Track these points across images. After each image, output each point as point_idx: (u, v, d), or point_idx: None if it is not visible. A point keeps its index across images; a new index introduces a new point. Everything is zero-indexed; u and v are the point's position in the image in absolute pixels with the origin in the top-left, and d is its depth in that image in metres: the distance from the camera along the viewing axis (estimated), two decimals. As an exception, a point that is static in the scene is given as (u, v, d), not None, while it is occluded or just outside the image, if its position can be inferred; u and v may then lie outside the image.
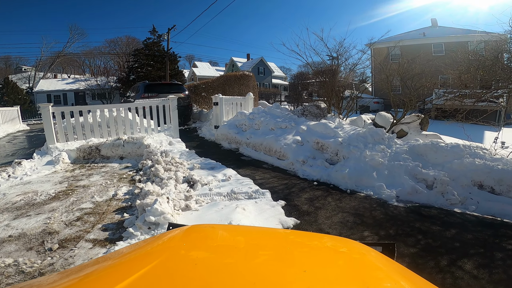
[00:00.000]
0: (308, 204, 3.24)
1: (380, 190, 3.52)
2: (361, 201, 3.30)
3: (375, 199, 3.36)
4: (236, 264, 0.63)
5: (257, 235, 0.90)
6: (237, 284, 0.53)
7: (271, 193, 3.46)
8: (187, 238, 0.81)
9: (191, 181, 3.54)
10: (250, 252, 0.73)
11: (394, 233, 2.57)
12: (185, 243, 0.76)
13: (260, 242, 0.82)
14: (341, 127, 5.06)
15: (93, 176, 4.14)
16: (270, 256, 0.71)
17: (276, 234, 0.98)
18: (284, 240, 0.87)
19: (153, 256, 0.66)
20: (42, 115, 5.22)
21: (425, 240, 2.45)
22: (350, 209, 3.07)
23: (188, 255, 0.68)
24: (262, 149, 5.27)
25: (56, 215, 2.92)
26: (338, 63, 6.79)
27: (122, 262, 0.67)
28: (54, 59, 39.88)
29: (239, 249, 0.75)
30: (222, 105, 7.02)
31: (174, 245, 0.77)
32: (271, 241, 0.85)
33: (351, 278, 0.61)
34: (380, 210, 3.06)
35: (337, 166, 4.24)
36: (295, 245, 0.83)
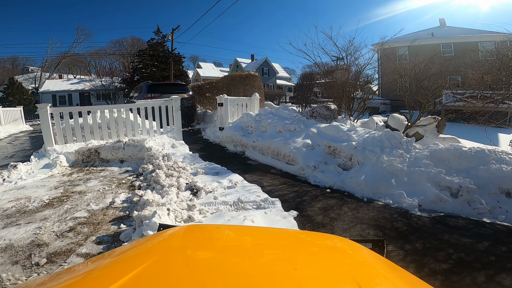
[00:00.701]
0: (323, 214, 2.97)
1: (400, 198, 3.24)
2: (380, 211, 3.03)
3: (395, 209, 3.10)
4: (236, 263, 0.63)
5: (252, 234, 0.91)
6: (237, 283, 0.52)
7: (282, 202, 3.19)
8: (183, 237, 0.81)
9: (195, 189, 3.27)
10: (247, 251, 0.73)
11: (421, 247, 2.31)
12: (190, 243, 0.78)
13: (256, 241, 0.82)
14: (354, 130, 4.76)
15: (90, 181, 3.90)
16: (264, 254, 0.71)
17: (268, 233, 0.98)
18: (275, 239, 0.87)
19: (146, 256, 0.65)
20: (39, 116, 5.01)
21: (457, 254, 2.22)
22: (369, 220, 2.80)
23: (184, 254, 0.68)
24: (269, 153, 4.99)
25: (48, 224, 2.67)
26: (348, 63, 6.49)
27: (117, 261, 0.66)
28: (60, 59, 40.11)
29: (237, 248, 0.75)
30: (227, 106, 6.75)
31: (169, 244, 0.78)
32: (264, 239, 0.85)
33: (341, 274, 0.61)
34: (402, 221, 2.81)
35: (351, 172, 3.96)
36: (285, 243, 0.83)
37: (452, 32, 23.98)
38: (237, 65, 42.89)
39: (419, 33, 25.74)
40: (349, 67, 6.36)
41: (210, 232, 0.94)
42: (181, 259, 0.64)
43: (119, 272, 0.57)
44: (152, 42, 26.46)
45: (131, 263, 0.62)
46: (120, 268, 0.61)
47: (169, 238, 0.81)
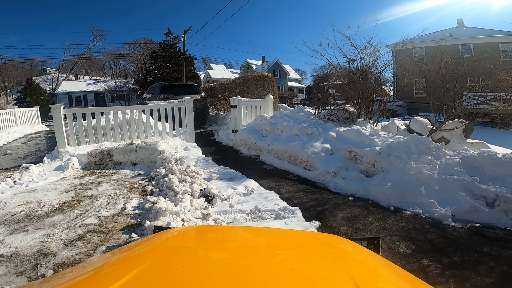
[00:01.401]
0: (347, 225, 2.78)
1: (431, 208, 3.01)
2: (410, 221, 2.82)
3: (425, 219, 2.88)
4: (233, 262, 0.64)
5: (248, 234, 0.91)
6: (238, 282, 0.52)
7: (302, 210, 2.97)
8: (178, 239, 0.82)
9: (209, 196, 3.08)
10: (243, 250, 0.74)
11: (460, 260, 2.15)
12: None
13: (252, 241, 0.83)
14: (377, 134, 4.47)
15: (102, 185, 3.78)
16: (260, 254, 0.71)
17: (261, 232, 0.97)
18: (273, 239, 0.87)
19: (143, 258, 0.65)
20: (53, 117, 4.96)
21: (499, 267, 2.08)
22: (398, 232, 2.60)
23: (179, 255, 0.68)
24: (286, 157, 4.76)
25: (56, 231, 2.54)
26: (366, 64, 6.20)
27: (115, 263, 0.66)
28: (76, 61, 41.17)
29: (234, 248, 0.76)
30: (240, 108, 6.57)
31: (165, 246, 0.78)
32: (259, 239, 0.85)
33: (338, 272, 0.60)
34: (435, 232, 2.61)
35: (375, 179, 3.70)
36: (281, 243, 0.83)
37: (471, 32, 23.22)
38: (248, 66, 42.86)
39: (436, 33, 24.98)
40: (368, 68, 6.07)
41: (205, 233, 0.93)
42: (177, 260, 0.64)
43: (117, 273, 0.56)
44: (164, 44, 26.73)
45: (128, 265, 0.62)
46: (117, 270, 0.60)
47: (165, 240, 0.81)
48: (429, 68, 5.88)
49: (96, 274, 0.62)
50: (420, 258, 2.18)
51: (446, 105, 5.15)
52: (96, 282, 0.56)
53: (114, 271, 0.60)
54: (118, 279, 0.50)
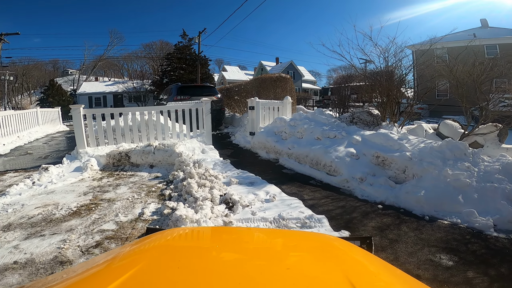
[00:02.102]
0: (379, 235, 2.58)
1: (470, 217, 2.80)
2: (448, 232, 2.62)
3: (465, 229, 2.68)
4: (223, 261, 0.65)
5: (236, 234, 0.91)
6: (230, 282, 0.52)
7: (328, 219, 2.79)
8: (171, 240, 0.82)
9: (230, 202, 2.92)
10: (237, 251, 0.74)
11: (507, 272, 2.03)
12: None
13: (246, 241, 0.83)
14: (407, 138, 4.18)
15: (120, 188, 3.70)
16: (254, 254, 0.71)
17: (259, 233, 0.98)
18: (267, 239, 0.87)
19: (136, 261, 0.64)
20: (73, 118, 4.97)
21: None
22: (437, 242, 2.43)
23: (172, 255, 0.68)
24: (307, 162, 4.54)
25: (73, 237, 2.44)
26: (391, 65, 5.88)
27: (110, 264, 0.66)
28: (96, 62, 42.49)
29: (229, 249, 0.75)
30: (258, 110, 6.40)
31: (159, 245, 0.77)
32: (251, 239, 0.85)
33: (333, 272, 0.60)
34: (478, 243, 2.43)
35: (407, 187, 3.44)
36: (276, 242, 0.83)
37: (497, 33, 22.20)
38: (262, 68, 42.76)
39: (458, 34, 23.97)
40: (394, 68, 5.76)
41: (198, 234, 0.93)
42: (172, 261, 0.64)
43: (112, 274, 0.56)
44: (179, 45, 27.04)
45: (123, 266, 0.62)
46: (113, 271, 0.60)
47: (160, 242, 0.80)
48: (460, 69, 5.50)
49: (92, 275, 0.61)
50: (465, 271, 2.05)
51: (479, 108, 4.78)
52: (91, 283, 0.56)
53: (109, 272, 0.60)
54: (113, 280, 0.50)
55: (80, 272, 0.66)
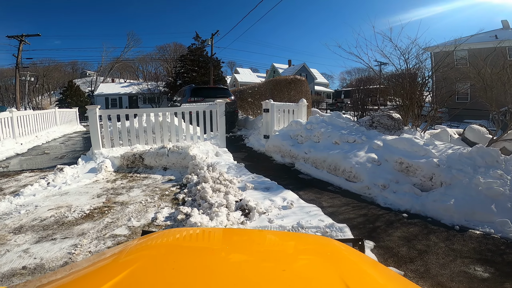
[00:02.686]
0: (407, 245, 2.42)
1: (504, 227, 2.66)
2: (481, 242, 2.48)
3: (499, 239, 2.52)
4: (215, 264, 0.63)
5: (227, 235, 0.92)
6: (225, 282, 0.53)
7: (350, 228, 2.62)
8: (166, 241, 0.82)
9: (246, 209, 2.78)
10: (233, 252, 0.73)
11: None
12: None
13: (240, 243, 0.82)
14: (433, 144, 3.93)
15: (133, 190, 3.63)
16: (250, 255, 0.71)
17: (253, 234, 0.98)
18: (260, 240, 0.87)
19: (130, 262, 0.64)
20: (89, 118, 4.98)
21: None
22: (470, 253, 2.29)
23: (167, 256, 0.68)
24: (325, 167, 4.35)
25: (85, 242, 2.37)
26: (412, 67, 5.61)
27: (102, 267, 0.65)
28: (112, 64, 43.59)
29: (225, 250, 0.75)
30: (273, 112, 6.25)
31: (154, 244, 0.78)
32: (250, 240, 0.85)
33: (328, 273, 0.60)
34: None
35: (435, 195, 3.23)
36: (271, 244, 0.83)
37: (519, 34, 21.21)
38: (274, 70, 42.62)
39: (478, 35, 23.05)
40: (416, 70, 5.49)
41: (192, 235, 0.93)
42: (166, 261, 0.63)
43: (105, 275, 0.55)
44: (192, 48, 27.30)
45: (117, 267, 0.61)
46: (106, 272, 0.59)
47: (154, 243, 0.80)
48: (489, 71, 5.18)
49: (85, 275, 0.61)
50: (502, 282, 1.95)
51: (507, 112, 4.46)
52: (85, 283, 0.55)
53: (102, 273, 0.59)
54: (107, 281, 0.50)
55: (74, 271, 0.65)
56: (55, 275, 0.65)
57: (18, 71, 18.75)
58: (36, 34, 18.31)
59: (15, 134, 7.22)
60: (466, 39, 6.39)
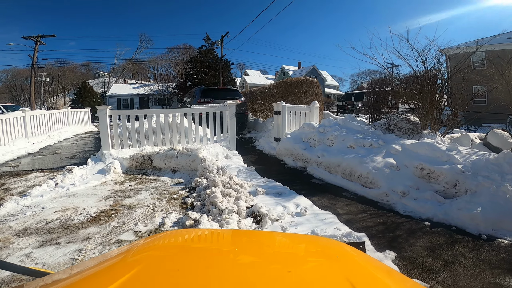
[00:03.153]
0: (431, 256, 2.27)
1: None
2: (511, 252, 2.33)
3: None
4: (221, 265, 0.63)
5: (245, 237, 0.91)
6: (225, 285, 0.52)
7: (369, 237, 2.51)
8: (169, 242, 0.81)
9: (258, 215, 2.64)
10: (239, 253, 0.73)
11: None
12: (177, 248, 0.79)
13: (245, 244, 0.82)
14: (456, 149, 3.69)
15: (141, 193, 3.53)
16: (255, 256, 0.71)
17: (258, 235, 0.98)
18: (265, 241, 0.87)
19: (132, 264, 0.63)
20: (99, 119, 4.94)
21: None
22: (500, 264, 2.16)
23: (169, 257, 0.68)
24: (339, 172, 4.16)
25: (89, 247, 2.27)
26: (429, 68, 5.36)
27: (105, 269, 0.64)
28: (125, 65, 44.33)
29: (228, 251, 0.75)
30: (285, 115, 6.09)
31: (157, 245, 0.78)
32: (256, 241, 0.85)
33: (335, 275, 0.60)
34: None
35: (459, 202, 3.03)
36: (275, 245, 0.83)
37: (539, 36, 20.38)
38: (284, 72, 42.41)
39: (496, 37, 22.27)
40: (437, 72, 5.24)
41: (198, 235, 0.92)
42: (170, 262, 0.63)
43: (109, 277, 0.55)
44: (202, 49, 27.41)
45: (120, 269, 0.60)
46: (110, 273, 0.59)
47: (159, 243, 0.80)
48: None
49: (91, 275, 0.60)
50: None
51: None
52: (90, 284, 0.55)
53: (108, 273, 0.59)
54: (113, 281, 0.49)
55: (79, 271, 0.64)
56: (60, 275, 0.64)
57: (33, 71, 19.21)
58: (51, 35, 18.75)
59: (28, 133, 7.30)
60: (488, 40, 6.09)
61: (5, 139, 6.32)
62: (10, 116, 6.71)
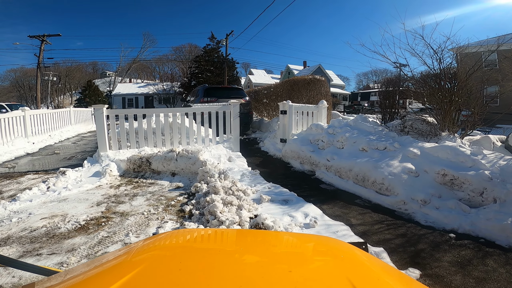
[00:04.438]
0: (461, 273, 2.02)
1: None
2: None
3: None
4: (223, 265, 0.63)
5: (246, 237, 0.92)
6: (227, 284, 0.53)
7: (388, 252, 2.24)
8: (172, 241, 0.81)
9: (262, 227, 2.35)
10: (239, 252, 0.72)
11: None
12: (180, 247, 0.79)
13: (249, 244, 0.82)
14: (481, 153, 3.36)
15: (137, 198, 3.28)
16: (256, 256, 0.71)
17: (260, 235, 0.98)
18: (267, 241, 0.86)
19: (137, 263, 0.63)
20: (95, 119, 4.70)
21: None
22: None
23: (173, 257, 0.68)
24: (351, 177, 3.85)
25: (73, 260, 2.03)
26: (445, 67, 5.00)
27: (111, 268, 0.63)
28: (130, 65, 44.46)
29: (230, 251, 0.74)
30: (291, 115, 5.79)
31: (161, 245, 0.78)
32: (257, 241, 0.85)
33: (336, 275, 0.60)
34: None
35: (488, 212, 2.74)
36: (277, 245, 0.83)
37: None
38: (289, 71, 42.02)
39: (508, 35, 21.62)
40: (457, 70, 4.88)
41: (200, 235, 0.93)
42: (173, 262, 0.63)
43: (112, 276, 0.56)
44: (207, 48, 27.22)
45: (123, 268, 0.60)
46: (112, 272, 0.59)
47: (160, 244, 0.79)
48: None
49: (93, 276, 0.60)
50: None
51: None
52: (93, 283, 0.55)
53: (108, 274, 0.58)
54: (113, 282, 0.50)
55: (81, 272, 0.62)
56: (69, 273, 0.64)
57: (39, 70, 19.23)
58: (56, 34, 18.72)
59: (28, 133, 7.13)
60: (510, 38, 5.70)
61: (3, 139, 6.15)
62: (9, 116, 6.55)
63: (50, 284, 0.58)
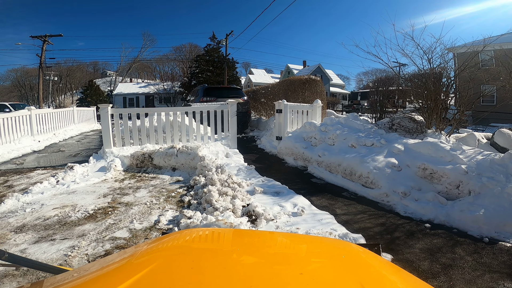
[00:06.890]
0: (429, 259, 2.21)
1: None
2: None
3: None
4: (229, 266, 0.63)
5: (255, 237, 0.93)
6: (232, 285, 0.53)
7: (366, 239, 2.48)
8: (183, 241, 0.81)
9: (253, 215, 2.61)
10: (251, 254, 0.73)
11: None
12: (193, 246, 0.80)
13: (260, 247, 0.82)
14: (460, 149, 3.60)
15: (140, 191, 3.54)
16: (268, 259, 0.71)
17: (268, 236, 0.99)
18: (277, 242, 0.87)
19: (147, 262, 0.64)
20: (100, 117, 4.97)
21: None
22: (500, 268, 2.09)
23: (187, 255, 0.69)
24: (340, 171, 4.10)
25: (83, 244, 2.28)
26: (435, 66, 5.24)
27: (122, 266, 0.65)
28: (130, 64, 44.72)
29: (241, 252, 0.74)
30: (286, 113, 6.04)
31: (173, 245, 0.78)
32: (267, 242, 0.86)
33: (347, 278, 0.60)
34: None
35: (462, 204, 2.97)
36: (288, 246, 0.83)
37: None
38: (289, 71, 42.19)
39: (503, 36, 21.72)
40: (442, 70, 5.12)
41: (211, 234, 0.94)
42: (185, 261, 0.63)
43: (124, 274, 0.57)
44: (208, 48, 27.45)
45: (135, 266, 0.61)
46: (124, 270, 0.60)
47: (172, 242, 0.80)
48: None
49: (105, 273, 0.61)
50: None
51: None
52: (104, 281, 0.56)
53: (122, 271, 0.60)
54: (124, 280, 0.50)
55: (93, 270, 0.65)
56: (78, 272, 0.64)
57: (41, 71, 19.52)
58: (58, 35, 19.02)
59: (33, 131, 7.41)
60: (496, 38, 5.93)
61: (11, 137, 6.42)
62: (16, 115, 6.82)
63: (59, 282, 0.59)
